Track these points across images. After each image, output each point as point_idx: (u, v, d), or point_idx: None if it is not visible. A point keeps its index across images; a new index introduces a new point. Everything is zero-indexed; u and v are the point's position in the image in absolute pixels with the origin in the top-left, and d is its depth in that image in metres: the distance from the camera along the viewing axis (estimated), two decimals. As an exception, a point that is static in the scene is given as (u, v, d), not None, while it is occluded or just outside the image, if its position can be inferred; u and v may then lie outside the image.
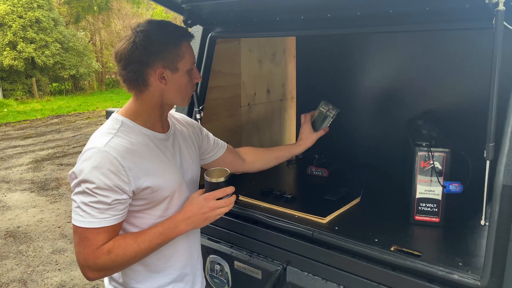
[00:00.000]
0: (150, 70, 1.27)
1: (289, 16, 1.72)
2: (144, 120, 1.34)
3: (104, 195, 1.18)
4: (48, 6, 18.51)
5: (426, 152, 1.53)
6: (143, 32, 1.26)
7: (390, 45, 2.32)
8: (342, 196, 1.89)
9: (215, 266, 1.82)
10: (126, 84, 1.31)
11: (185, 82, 1.35)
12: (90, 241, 1.19)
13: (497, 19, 1.13)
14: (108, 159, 1.19)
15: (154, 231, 1.27)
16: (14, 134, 10.62)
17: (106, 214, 1.19)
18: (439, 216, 1.57)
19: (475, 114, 1.91)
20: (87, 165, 1.18)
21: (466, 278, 1.24)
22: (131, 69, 1.27)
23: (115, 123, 1.30)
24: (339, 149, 2.50)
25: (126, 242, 1.23)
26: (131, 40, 1.26)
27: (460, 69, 2.08)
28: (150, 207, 1.32)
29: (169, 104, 1.38)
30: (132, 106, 1.34)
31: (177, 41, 1.30)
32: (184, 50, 1.31)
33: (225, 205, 1.32)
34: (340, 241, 1.49)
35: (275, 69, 2.61)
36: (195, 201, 1.32)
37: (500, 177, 1.15)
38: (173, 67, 1.30)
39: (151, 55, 1.26)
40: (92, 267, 1.21)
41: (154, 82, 1.29)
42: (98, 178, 1.17)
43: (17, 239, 4.54)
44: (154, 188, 1.28)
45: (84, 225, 1.18)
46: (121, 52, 1.27)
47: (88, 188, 1.17)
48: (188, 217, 1.30)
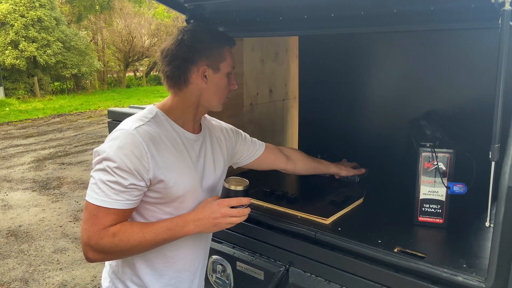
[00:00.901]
0: (194, 67, 1.31)
1: (292, 16, 1.71)
2: (177, 116, 1.36)
3: (122, 177, 1.18)
4: (50, 5, 18.55)
5: (430, 153, 1.52)
6: (190, 31, 1.32)
7: (394, 45, 2.31)
8: (345, 197, 1.88)
9: (217, 267, 1.82)
10: (168, 81, 1.34)
11: (224, 84, 1.39)
12: (98, 220, 1.19)
13: (503, 19, 1.11)
14: (134, 142, 1.20)
15: (162, 225, 1.27)
16: (16, 133, 10.63)
17: (120, 196, 1.20)
18: (443, 217, 1.56)
19: (479, 114, 1.90)
20: (112, 144, 1.20)
21: (470, 280, 1.23)
22: (175, 64, 1.30)
23: (149, 113, 1.33)
24: (342, 149, 2.48)
25: (132, 229, 1.23)
26: (178, 38, 1.31)
27: (465, 69, 2.07)
28: (162, 202, 1.32)
29: (204, 106, 1.40)
30: (168, 101, 1.38)
31: (221, 42, 1.36)
32: (226, 53, 1.36)
33: (238, 214, 1.30)
34: (343, 242, 1.48)
35: (277, 69, 2.60)
36: (208, 204, 1.31)
37: (506, 179, 1.13)
38: (216, 67, 1.34)
39: (197, 52, 1.30)
40: (94, 246, 1.20)
41: (196, 79, 1.32)
42: (120, 158, 1.18)
43: (18, 238, 4.55)
44: (168, 183, 1.28)
45: (96, 203, 1.19)
46: (168, 48, 1.32)
47: (109, 166, 1.18)
48: (198, 219, 1.29)
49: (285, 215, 1.71)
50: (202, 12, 1.86)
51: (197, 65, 1.31)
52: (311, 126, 2.74)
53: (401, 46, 2.28)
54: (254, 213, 1.74)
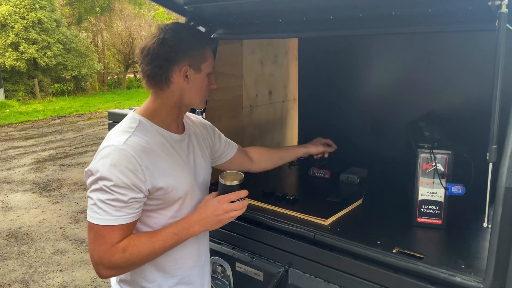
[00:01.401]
0: (176, 67, 1.29)
1: (291, 18, 1.72)
2: (161, 120, 1.35)
3: (121, 193, 1.19)
4: (50, 7, 18.58)
5: (429, 154, 1.52)
6: (172, 30, 1.30)
7: (392, 47, 2.32)
8: (344, 198, 1.89)
9: (217, 268, 1.82)
10: (148, 80, 1.32)
11: (205, 84, 1.38)
12: (106, 239, 1.20)
13: (500, 21, 1.12)
14: (126, 157, 1.20)
15: (168, 231, 1.28)
16: (16, 134, 10.64)
17: (122, 212, 1.20)
18: (442, 218, 1.57)
19: (478, 115, 1.90)
20: (105, 163, 1.19)
21: (468, 281, 1.23)
22: (157, 64, 1.28)
23: (133, 122, 1.31)
24: (341, 150, 2.49)
25: (140, 241, 1.24)
26: (160, 36, 1.28)
27: (463, 70, 2.08)
28: (163, 207, 1.33)
29: (187, 105, 1.40)
30: (150, 105, 1.36)
31: (203, 43, 1.35)
32: (207, 53, 1.36)
33: (238, 208, 1.33)
34: (342, 243, 1.49)
35: (277, 71, 2.61)
36: (209, 203, 1.33)
37: (503, 179, 1.14)
38: (197, 67, 1.33)
39: (179, 52, 1.28)
40: (107, 264, 1.21)
41: (177, 80, 1.31)
42: (116, 176, 1.18)
43: (19, 240, 4.55)
44: (168, 189, 1.29)
45: (100, 223, 1.19)
46: (149, 47, 1.28)
47: (106, 185, 1.18)
48: (202, 219, 1.31)
49: (285, 216, 1.72)
50: (201, 14, 1.87)
51: (179, 65, 1.30)
52: (311, 127, 2.74)
53: (400, 47, 2.29)
54: (253, 214, 1.75)
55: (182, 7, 1.80)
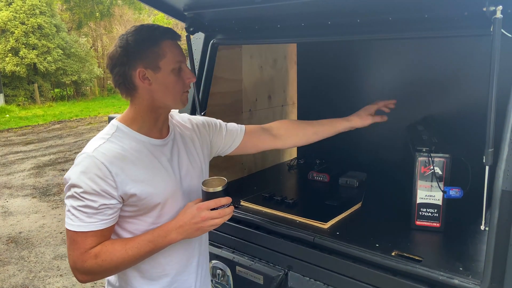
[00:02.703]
0: (132, 71, 1.27)
1: (290, 23, 1.74)
2: (139, 125, 1.33)
3: (91, 200, 1.19)
4: (50, 12, 18.65)
5: (427, 158, 1.54)
6: (124, 36, 1.30)
7: (390, 52, 2.34)
8: (343, 201, 1.90)
9: (217, 272, 1.83)
10: (118, 89, 1.33)
11: (171, 82, 1.31)
12: (79, 244, 1.21)
13: (494, 27, 1.14)
14: (95, 164, 1.20)
15: (144, 239, 1.26)
16: (16, 140, 10.65)
17: (94, 218, 1.21)
18: (440, 221, 1.58)
19: (475, 119, 1.92)
20: (76, 170, 1.21)
21: (466, 283, 1.25)
22: (116, 72, 1.29)
23: (111, 129, 1.32)
24: (340, 154, 2.51)
25: (114, 248, 1.23)
26: (116, 44, 1.30)
27: (460, 75, 2.10)
28: (141, 213, 1.31)
29: (161, 107, 1.35)
30: (128, 112, 1.35)
31: (155, 40, 1.28)
32: (164, 49, 1.29)
33: (219, 216, 1.27)
34: (342, 246, 1.50)
35: (276, 75, 2.63)
36: (188, 210, 1.29)
37: (499, 182, 1.16)
38: (155, 66, 1.28)
39: (130, 56, 1.26)
40: (80, 270, 1.23)
41: (139, 83, 1.29)
42: (85, 182, 1.19)
43: (19, 245, 4.55)
44: (141, 195, 1.27)
45: (73, 229, 1.21)
46: (108, 57, 1.31)
47: (76, 192, 1.20)
48: (180, 226, 1.27)
49: (284, 219, 1.73)
50: (201, 20, 1.89)
51: (134, 69, 1.27)
52: (310, 131, 2.75)
53: (399, 52, 2.31)
54: (253, 218, 1.76)
55: (182, 13, 1.82)
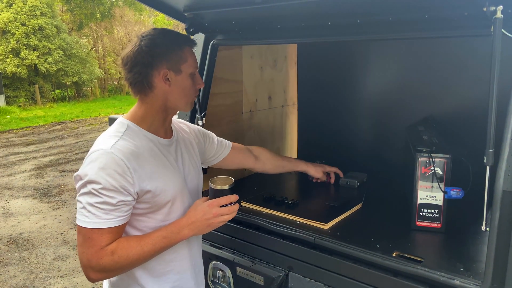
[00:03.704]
0: (155, 72, 1.32)
1: (290, 24, 1.74)
2: (149, 124, 1.38)
3: (109, 196, 1.21)
4: (51, 13, 18.69)
5: (427, 158, 1.53)
6: (148, 37, 1.34)
7: (390, 52, 2.33)
8: (344, 202, 1.89)
9: (217, 272, 1.83)
10: (132, 88, 1.36)
11: (188, 85, 1.39)
12: (94, 241, 1.21)
13: (495, 27, 1.14)
14: (114, 160, 1.22)
15: (158, 235, 1.29)
16: (17, 140, 10.66)
17: (111, 215, 1.22)
18: (441, 221, 1.58)
19: (475, 119, 1.92)
20: (93, 166, 1.22)
21: (467, 284, 1.24)
22: (136, 70, 1.32)
23: (121, 127, 1.34)
24: (341, 155, 2.50)
25: (129, 244, 1.25)
26: (136, 44, 1.33)
27: (460, 75, 2.10)
28: (152, 211, 1.34)
29: (173, 108, 1.41)
30: (137, 110, 1.39)
31: (180, 44, 1.36)
32: (187, 54, 1.37)
33: (228, 212, 1.34)
34: (342, 247, 1.49)
35: (276, 76, 2.63)
36: (199, 207, 1.34)
37: (500, 183, 1.15)
38: (177, 69, 1.35)
39: (156, 56, 1.31)
40: (95, 267, 1.22)
41: (159, 83, 1.33)
42: (104, 179, 1.20)
43: (19, 246, 4.55)
44: (156, 192, 1.31)
45: (89, 226, 1.21)
46: (127, 55, 1.33)
47: (94, 188, 1.20)
48: (192, 223, 1.32)
49: (285, 220, 1.73)
50: (201, 21, 1.89)
51: (157, 69, 1.32)
52: (310, 132, 2.76)
53: (399, 53, 2.31)
54: (253, 219, 1.76)
55: (182, 14, 1.82)
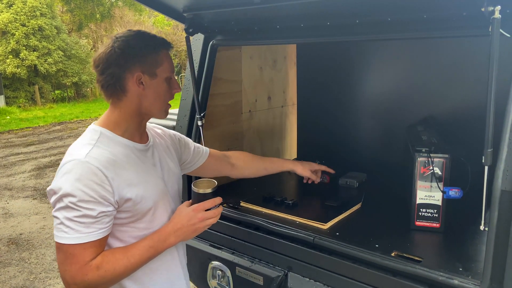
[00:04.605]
0: (128, 74, 1.26)
1: (289, 24, 1.74)
2: (123, 130, 1.31)
3: (89, 208, 1.14)
4: (51, 14, 18.69)
5: (426, 158, 1.54)
6: (122, 38, 1.27)
7: (390, 52, 2.34)
8: (343, 202, 1.90)
9: (217, 272, 1.83)
10: (104, 91, 1.29)
11: (163, 90, 1.33)
12: (77, 258, 1.14)
13: (493, 27, 1.14)
14: (90, 170, 1.16)
15: (144, 245, 1.24)
16: (16, 141, 10.66)
17: (92, 228, 1.15)
18: (440, 221, 1.58)
19: (474, 119, 1.92)
20: (68, 178, 1.15)
21: (466, 284, 1.25)
22: (109, 73, 1.25)
23: (94, 134, 1.27)
24: (340, 155, 2.51)
25: (115, 257, 1.20)
26: (109, 45, 1.27)
27: (459, 75, 2.10)
28: (134, 220, 1.28)
29: (147, 114, 1.35)
30: (110, 116, 1.31)
31: (156, 47, 1.30)
32: (162, 57, 1.31)
33: (213, 215, 1.32)
34: (341, 247, 1.50)
35: (276, 76, 2.63)
36: (184, 212, 1.30)
37: (499, 183, 1.16)
38: (152, 73, 1.29)
39: (129, 58, 1.25)
40: (80, 284, 1.15)
41: (132, 87, 1.27)
42: (81, 190, 1.13)
43: (19, 246, 4.55)
44: (136, 200, 1.25)
45: (70, 242, 1.14)
46: (99, 57, 1.27)
47: (72, 202, 1.13)
48: (178, 229, 1.28)
49: (284, 220, 1.73)
50: (200, 21, 1.89)
51: (131, 72, 1.26)
52: (310, 132, 2.76)
53: (397, 53, 2.31)
54: (253, 219, 1.76)
55: (181, 14, 1.82)
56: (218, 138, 2.23)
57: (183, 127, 2.05)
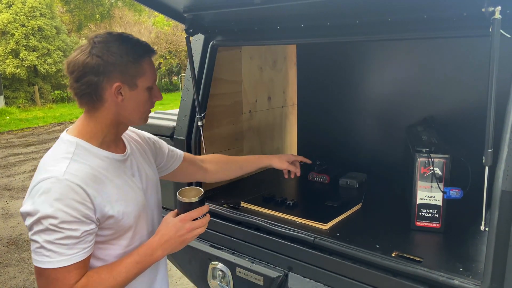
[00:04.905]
0: (106, 84, 1.15)
1: (289, 25, 1.74)
2: (100, 141, 1.22)
3: (72, 229, 1.07)
4: (51, 14, 18.67)
5: (426, 158, 1.54)
6: (101, 44, 1.15)
7: (390, 53, 2.34)
8: (344, 202, 1.90)
9: (217, 273, 1.83)
10: (78, 99, 1.19)
11: (144, 100, 1.24)
12: (61, 282, 1.08)
13: (493, 27, 1.14)
14: (71, 188, 1.08)
15: (130, 261, 1.18)
16: (16, 141, 10.66)
17: (75, 249, 1.08)
18: (440, 221, 1.58)
19: (474, 120, 1.92)
20: (46, 199, 1.06)
21: (466, 284, 1.25)
22: (84, 81, 1.14)
23: (69, 146, 1.17)
24: (340, 155, 2.51)
25: (100, 277, 1.13)
26: (86, 51, 1.15)
27: (459, 75, 2.10)
28: (116, 236, 1.22)
29: (125, 123, 1.27)
30: (85, 125, 1.21)
31: (139, 56, 1.19)
32: (145, 67, 1.21)
33: (201, 225, 1.26)
34: (342, 247, 1.50)
35: (276, 76, 2.63)
36: (170, 223, 1.23)
37: (499, 183, 1.16)
38: (132, 84, 1.19)
39: (108, 67, 1.14)
40: None
41: (110, 97, 1.17)
42: (62, 211, 1.05)
43: (19, 247, 4.55)
44: (118, 217, 1.19)
45: (52, 266, 1.06)
46: (75, 62, 1.15)
47: (53, 224, 1.05)
48: (165, 241, 1.22)
49: (284, 220, 1.73)
50: (201, 21, 1.89)
51: (109, 82, 1.15)
52: (310, 132, 2.76)
53: (398, 53, 2.31)
54: (253, 219, 1.76)
55: (181, 15, 1.82)
56: (218, 138, 2.23)
57: (183, 127, 2.05)
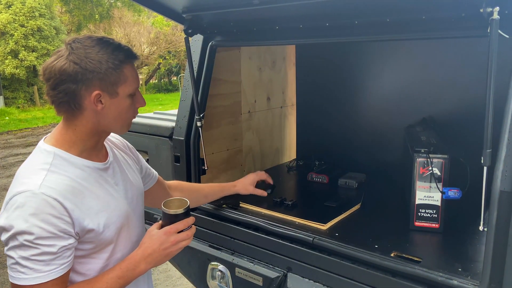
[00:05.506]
0: (84, 92, 1.10)
1: (288, 25, 1.74)
2: (80, 149, 1.16)
3: (48, 245, 1.02)
4: (50, 14, 18.66)
5: (425, 158, 1.54)
6: (80, 50, 1.09)
7: (388, 53, 2.34)
8: (343, 203, 1.90)
9: (216, 273, 1.83)
10: (55, 107, 1.13)
11: (125, 107, 1.18)
12: None
13: (492, 28, 1.15)
14: (47, 203, 1.03)
15: (112, 276, 1.13)
16: (15, 142, 10.65)
17: (52, 265, 1.04)
18: (439, 222, 1.58)
19: (473, 120, 1.92)
20: (21, 214, 1.01)
21: (465, 284, 1.25)
22: (61, 89, 1.08)
23: (47, 156, 1.12)
24: (339, 155, 2.51)
25: None
26: (64, 56, 1.09)
27: (458, 76, 2.10)
28: (97, 250, 1.17)
29: (106, 132, 1.22)
30: (63, 133, 1.16)
31: (120, 62, 1.13)
32: (127, 73, 1.15)
33: (187, 237, 1.21)
34: (341, 248, 1.50)
35: (275, 77, 2.63)
36: (155, 236, 1.19)
37: (498, 183, 1.16)
38: (113, 91, 1.13)
39: (87, 74, 1.08)
40: None
41: (89, 105, 1.12)
42: (38, 227, 1.01)
43: (18, 247, 4.54)
44: (99, 230, 1.14)
45: (28, 283, 1.02)
46: (51, 69, 1.09)
47: (28, 240, 1.01)
48: (149, 255, 1.17)
49: (283, 221, 1.73)
50: (200, 22, 1.89)
51: (88, 90, 1.09)
52: (309, 133, 2.76)
53: (397, 54, 2.31)
54: (252, 220, 1.76)
55: (181, 15, 1.82)
56: (218, 138, 2.23)
57: (182, 128, 2.05)
